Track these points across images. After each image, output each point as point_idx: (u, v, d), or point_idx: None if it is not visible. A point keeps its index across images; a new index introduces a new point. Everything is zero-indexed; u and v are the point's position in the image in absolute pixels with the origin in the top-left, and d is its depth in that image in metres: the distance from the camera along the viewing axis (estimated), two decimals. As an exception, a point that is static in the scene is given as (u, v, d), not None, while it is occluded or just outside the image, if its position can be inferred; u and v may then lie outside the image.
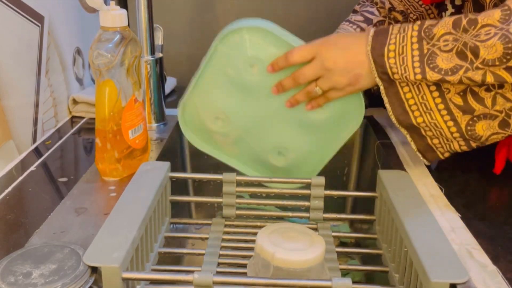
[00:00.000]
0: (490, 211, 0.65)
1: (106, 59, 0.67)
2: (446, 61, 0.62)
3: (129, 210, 0.58)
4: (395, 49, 0.64)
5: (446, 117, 0.65)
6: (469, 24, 0.61)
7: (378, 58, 0.65)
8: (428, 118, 0.66)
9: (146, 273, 0.56)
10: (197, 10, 1.23)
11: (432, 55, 0.62)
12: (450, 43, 0.62)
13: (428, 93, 0.65)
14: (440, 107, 0.65)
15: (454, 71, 0.61)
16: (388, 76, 0.65)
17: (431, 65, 0.62)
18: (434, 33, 0.63)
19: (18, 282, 0.47)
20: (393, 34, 0.65)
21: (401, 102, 0.66)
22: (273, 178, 0.70)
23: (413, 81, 0.64)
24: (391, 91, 0.66)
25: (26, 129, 0.82)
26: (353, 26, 0.88)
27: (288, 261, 0.52)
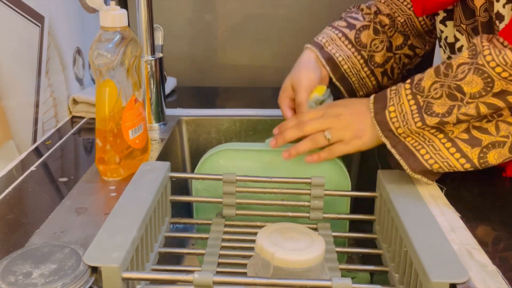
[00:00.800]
0: (490, 211, 0.65)
1: (106, 59, 0.67)
2: (441, 106, 0.65)
3: (129, 210, 0.58)
4: (394, 109, 0.68)
5: (457, 154, 0.66)
6: (446, 69, 0.66)
7: (382, 120, 0.69)
8: (439, 159, 0.66)
9: (146, 273, 0.56)
10: (197, 10, 1.23)
11: (428, 105, 0.66)
12: (439, 90, 0.66)
13: (433, 137, 0.67)
14: (448, 145, 0.66)
15: (449, 112, 0.64)
16: (393, 133, 0.68)
17: (428, 112, 0.66)
18: (423, 86, 0.67)
19: (18, 282, 0.47)
20: (391, 98, 0.69)
21: (409, 151, 0.68)
22: (273, 178, 0.70)
23: (416, 131, 0.67)
24: (399, 145, 0.68)
25: (26, 129, 0.82)
26: (335, 31, 0.88)
27: (288, 261, 0.52)
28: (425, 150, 0.67)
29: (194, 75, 1.28)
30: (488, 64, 0.61)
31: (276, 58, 1.26)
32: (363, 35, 0.87)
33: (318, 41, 0.88)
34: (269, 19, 1.23)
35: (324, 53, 0.86)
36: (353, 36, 0.87)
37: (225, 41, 1.26)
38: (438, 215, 0.62)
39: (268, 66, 1.26)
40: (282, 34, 1.24)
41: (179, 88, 1.18)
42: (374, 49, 0.88)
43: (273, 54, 1.26)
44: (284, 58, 1.25)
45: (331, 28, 0.90)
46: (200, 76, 1.28)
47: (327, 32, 0.89)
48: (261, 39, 1.25)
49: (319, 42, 0.87)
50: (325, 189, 0.69)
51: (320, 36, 0.89)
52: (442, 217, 0.62)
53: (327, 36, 0.88)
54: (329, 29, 0.90)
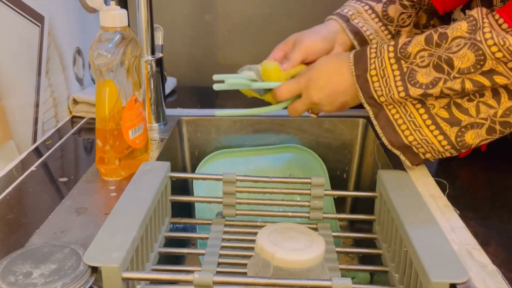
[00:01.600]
0: (490, 211, 0.65)
1: (106, 59, 0.67)
2: (426, 76, 0.65)
3: (129, 210, 0.58)
4: (376, 73, 0.67)
5: (436, 131, 0.67)
6: (440, 39, 0.64)
7: (363, 84, 0.68)
8: (418, 136, 0.67)
9: (146, 273, 0.56)
10: (197, 10, 1.23)
11: (412, 72, 0.65)
12: (426, 58, 0.65)
13: (415, 111, 0.67)
14: (428, 122, 0.67)
15: (434, 84, 0.64)
16: (375, 100, 0.68)
17: (412, 81, 0.65)
18: (409, 52, 0.65)
19: (18, 282, 0.47)
20: (372, 58, 0.68)
21: (391, 124, 0.68)
22: (273, 178, 0.70)
23: (398, 100, 0.67)
24: (380, 115, 0.69)
25: (26, 129, 0.82)
26: (361, 4, 0.84)
27: (288, 261, 0.52)
28: (405, 125, 0.67)
29: (194, 75, 1.28)
30: (486, 41, 0.61)
31: (276, 58, 1.26)
32: (390, 8, 0.84)
33: (344, 13, 0.84)
34: (269, 19, 1.23)
35: (351, 26, 0.83)
36: (380, 9, 0.84)
37: (225, 41, 1.26)
38: (438, 215, 0.62)
39: (268, 66, 1.26)
40: (282, 34, 1.24)
41: (179, 88, 1.18)
42: (401, 23, 0.85)
43: (273, 54, 1.26)
44: (284, 58, 1.25)
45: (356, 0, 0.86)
46: (200, 76, 1.28)
47: (352, 5, 0.85)
48: (261, 39, 1.25)
49: (345, 14, 0.84)
50: (325, 189, 0.69)
51: (346, 8, 0.85)
52: (442, 217, 0.62)
53: (353, 8, 0.85)
54: (354, 1, 0.86)
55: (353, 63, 0.69)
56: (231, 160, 0.94)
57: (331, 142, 0.98)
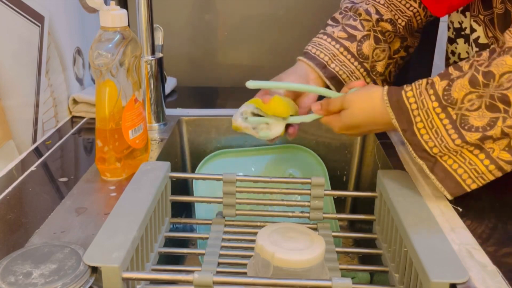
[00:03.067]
0: (490, 211, 0.65)
1: (106, 59, 0.67)
2: (479, 119, 0.60)
3: (129, 210, 0.58)
4: (424, 126, 0.63)
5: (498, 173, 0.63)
6: (487, 79, 0.60)
7: (412, 138, 0.64)
8: (481, 181, 0.63)
9: (146, 273, 0.56)
10: (197, 10, 1.23)
11: (463, 118, 0.61)
12: (476, 101, 0.61)
13: (474, 157, 0.62)
14: (491, 168, 0.62)
15: (491, 125, 0.60)
16: (427, 153, 0.64)
17: (465, 127, 0.61)
18: (455, 98, 0.61)
19: (18, 282, 0.47)
20: (414, 110, 0.64)
21: (450, 175, 0.64)
22: (273, 178, 0.70)
23: (454, 149, 0.62)
24: (437, 167, 0.64)
25: (26, 129, 0.82)
26: (336, 45, 0.84)
27: (288, 261, 0.52)
28: (467, 174, 0.63)
29: (194, 75, 1.28)
30: None
31: (275, 58, 1.26)
32: (364, 46, 0.84)
33: (320, 58, 0.84)
34: (269, 19, 1.23)
35: (328, 72, 0.83)
36: (355, 49, 0.84)
37: (225, 41, 1.26)
38: (438, 215, 0.62)
39: (268, 66, 1.26)
40: (282, 34, 1.24)
41: (179, 88, 1.18)
42: (376, 59, 0.85)
43: (273, 54, 1.26)
44: (283, 58, 1.25)
45: (330, 39, 0.85)
46: (200, 76, 1.28)
47: (327, 46, 0.84)
48: (261, 39, 1.25)
49: (321, 60, 0.83)
50: (325, 189, 0.69)
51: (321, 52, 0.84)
52: (442, 217, 0.62)
53: (329, 51, 0.84)
54: (328, 41, 0.85)
55: (395, 118, 0.65)
56: (231, 160, 0.94)
57: (331, 142, 0.98)
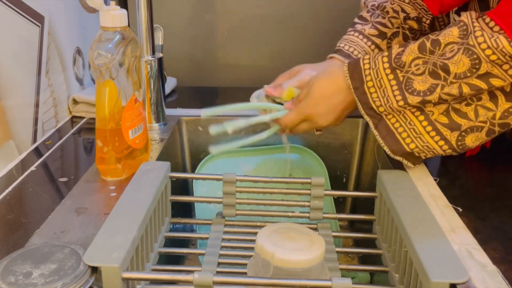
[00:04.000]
0: (490, 211, 0.65)
1: (106, 59, 0.67)
2: (422, 83, 0.65)
3: (129, 210, 0.58)
4: (373, 84, 0.68)
5: (436, 137, 0.68)
6: (433, 46, 0.65)
7: (362, 96, 0.69)
8: (419, 142, 0.68)
9: (146, 273, 0.56)
10: (197, 10, 1.23)
11: (408, 81, 0.66)
12: (421, 66, 0.65)
13: (414, 118, 0.68)
14: (428, 129, 0.68)
15: (431, 90, 0.65)
16: (374, 111, 0.69)
17: (409, 90, 0.66)
18: (404, 61, 0.66)
19: (18, 282, 0.47)
20: (366, 70, 0.69)
21: (391, 133, 0.69)
22: (273, 178, 0.70)
23: (397, 109, 0.68)
24: (381, 124, 0.70)
25: (26, 129, 0.82)
26: (368, 43, 0.86)
27: (288, 261, 0.52)
28: (406, 133, 0.69)
29: (194, 75, 1.28)
30: (479, 45, 0.61)
31: (275, 58, 1.26)
32: (394, 43, 0.86)
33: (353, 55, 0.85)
34: (269, 19, 1.23)
35: None
36: (385, 45, 0.86)
37: (225, 41, 1.26)
38: (438, 215, 0.62)
39: (268, 66, 1.26)
40: (282, 34, 1.24)
41: (179, 88, 1.18)
42: None
43: (273, 54, 1.26)
44: (283, 58, 1.25)
45: (362, 37, 0.87)
46: (200, 76, 1.28)
47: (360, 44, 0.86)
48: (261, 39, 1.25)
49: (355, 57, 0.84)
50: (325, 189, 0.69)
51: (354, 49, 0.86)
52: (442, 217, 0.62)
53: (362, 49, 0.86)
54: (360, 38, 0.87)
55: (349, 76, 0.70)
56: (231, 160, 0.94)
57: (331, 142, 0.98)
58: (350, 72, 0.70)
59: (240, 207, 0.71)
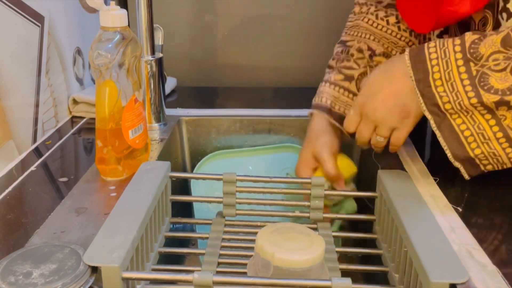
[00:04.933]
0: (490, 211, 0.65)
1: (106, 59, 0.67)
2: (501, 81, 0.58)
3: (129, 209, 0.58)
4: (440, 76, 0.60)
5: (505, 144, 0.62)
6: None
7: (426, 89, 0.62)
8: (486, 149, 0.62)
9: (146, 273, 0.56)
10: (197, 10, 1.23)
11: (483, 76, 0.59)
12: (502, 62, 0.58)
13: (484, 122, 0.61)
14: (499, 135, 0.61)
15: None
16: (439, 108, 0.62)
17: (485, 86, 0.59)
18: (481, 53, 0.59)
19: (19, 282, 0.47)
20: (433, 59, 0.61)
21: (456, 135, 0.62)
22: (273, 178, 0.70)
23: (467, 108, 0.61)
24: (444, 124, 0.63)
25: (26, 129, 0.82)
26: (336, 88, 0.82)
27: (288, 261, 0.52)
28: (473, 137, 0.61)
29: (194, 75, 1.28)
30: None
31: (276, 58, 1.26)
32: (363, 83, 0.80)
33: (324, 104, 0.82)
34: (269, 19, 1.23)
35: (334, 114, 0.81)
36: (355, 87, 0.82)
37: (225, 41, 1.26)
38: (438, 215, 0.62)
39: (268, 66, 1.26)
40: (282, 34, 1.24)
41: (179, 88, 1.18)
42: None
43: (273, 54, 1.26)
44: (284, 58, 1.25)
45: (329, 85, 0.83)
46: (200, 76, 1.28)
47: (328, 91, 0.83)
48: (261, 39, 1.25)
49: (326, 105, 0.82)
50: (325, 189, 0.69)
51: (323, 98, 0.83)
52: (442, 217, 0.62)
53: (330, 96, 0.82)
54: (327, 86, 0.83)
55: (410, 66, 0.63)
56: (230, 160, 0.94)
57: (331, 142, 0.98)
58: (412, 62, 0.62)
59: (240, 207, 0.71)
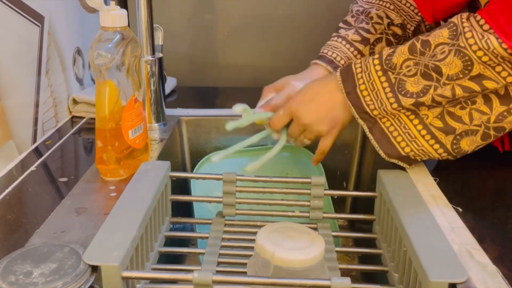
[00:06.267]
0: (490, 211, 0.65)
1: (106, 59, 0.67)
2: (415, 85, 0.65)
3: (129, 209, 0.59)
4: (366, 87, 0.68)
5: (431, 141, 0.68)
6: (423, 47, 0.64)
7: (355, 100, 0.69)
8: (414, 146, 0.68)
9: (146, 272, 0.56)
10: (197, 10, 1.23)
11: (401, 82, 0.66)
12: (413, 67, 0.65)
13: (409, 122, 0.68)
14: (423, 133, 0.67)
15: (424, 92, 0.64)
16: (368, 115, 0.69)
17: (402, 92, 0.66)
18: (395, 63, 0.66)
19: (19, 282, 0.47)
20: (358, 73, 0.68)
21: (386, 136, 0.69)
22: (273, 178, 0.70)
23: (391, 112, 0.67)
24: (375, 128, 0.70)
25: (26, 129, 0.82)
26: (350, 49, 0.85)
27: (288, 260, 0.52)
28: (401, 137, 0.68)
29: (194, 75, 1.28)
30: (470, 47, 0.61)
31: (276, 58, 1.26)
32: (377, 49, 0.86)
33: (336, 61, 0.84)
34: (269, 19, 1.23)
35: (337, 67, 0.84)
36: (368, 52, 0.86)
37: (225, 41, 1.26)
38: (438, 215, 0.62)
39: (268, 66, 1.26)
40: (282, 34, 1.25)
41: (179, 88, 1.18)
42: None
43: (273, 54, 1.26)
44: (283, 58, 1.25)
45: (345, 42, 0.86)
46: (200, 76, 1.28)
47: (343, 49, 0.85)
48: (261, 39, 1.25)
49: (337, 63, 0.84)
50: (324, 189, 0.69)
51: (337, 55, 0.85)
52: (442, 217, 0.62)
53: (344, 55, 0.85)
54: (343, 43, 0.86)
55: (341, 81, 0.70)
56: (230, 161, 0.94)
57: (331, 142, 0.98)
58: (343, 77, 0.70)
59: (240, 207, 0.71)
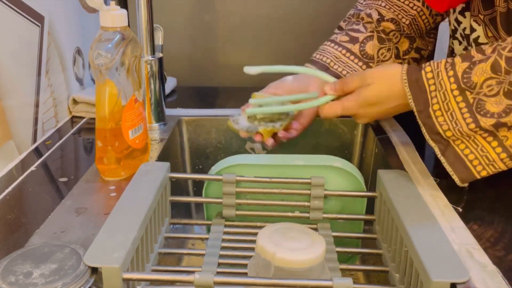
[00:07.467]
0: (490, 211, 0.65)
1: (106, 59, 0.67)
2: (496, 105, 0.60)
3: (129, 210, 0.58)
4: (439, 107, 0.63)
5: (511, 163, 0.63)
6: (509, 65, 0.60)
7: (426, 120, 0.64)
8: (491, 169, 0.64)
9: (146, 274, 0.56)
10: (197, 10, 1.23)
11: (480, 102, 0.61)
12: (495, 87, 0.60)
13: (487, 144, 0.63)
14: (502, 156, 0.63)
15: (507, 112, 0.60)
16: (441, 136, 0.64)
17: (481, 112, 0.61)
18: (474, 82, 0.61)
19: (19, 282, 0.47)
20: (432, 92, 0.63)
21: (461, 160, 0.64)
22: (273, 179, 0.70)
23: (467, 134, 0.63)
24: (448, 151, 0.65)
25: (26, 129, 0.82)
26: (339, 48, 0.84)
27: (289, 261, 0.52)
28: (477, 161, 0.64)
29: (194, 75, 1.28)
30: None
31: (276, 58, 1.26)
32: (368, 46, 0.84)
33: (322, 62, 0.84)
34: (269, 19, 1.23)
35: (330, 73, 0.81)
36: (358, 49, 0.84)
37: (225, 41, 1.26)
38: (438, 215, 0.62)
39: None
40: (282, 34, 1.24)
41: (179, 88, 1.18)
42: (382, 58, 0.85)
43: (273, 54, 1.26)
44: (283, 58, 1.25)
45: (333, 44, 0.85)
46: (200, 76, 1.28)
47: (330, 50, 0.85)
48: (261, 39, 1.25)
49: (323, 63, 0.84)
50: (325, 189, 0.69)
51: (323, 56, 0.85)
52: (442, 217, 0.62)
53: (331, 55, 0.84)
54: (331, 46, 0.85)
55: (412, 98, 0.65)
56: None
57: (331, 142, 0.98)
58: (413, 93, 0.65)
59: (240, 208, 0.71)
